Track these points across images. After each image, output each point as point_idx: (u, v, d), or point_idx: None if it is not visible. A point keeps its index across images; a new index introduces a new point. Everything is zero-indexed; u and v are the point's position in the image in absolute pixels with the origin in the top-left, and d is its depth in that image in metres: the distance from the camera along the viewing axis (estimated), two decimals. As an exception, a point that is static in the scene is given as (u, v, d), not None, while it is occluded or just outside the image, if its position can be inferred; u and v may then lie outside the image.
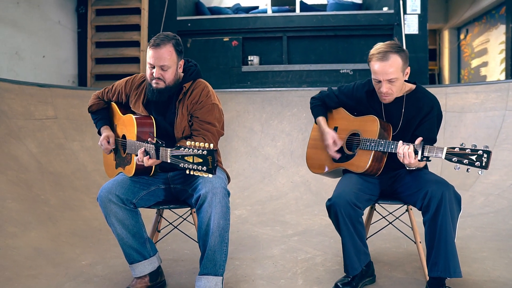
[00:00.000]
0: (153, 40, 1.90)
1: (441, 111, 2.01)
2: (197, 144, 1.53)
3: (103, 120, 2.14)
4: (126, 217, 1.86)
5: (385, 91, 1.90)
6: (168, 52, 1.89)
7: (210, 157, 1.47)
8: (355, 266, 1.89)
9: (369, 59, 1.91)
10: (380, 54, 1.86)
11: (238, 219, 3.31)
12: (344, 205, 1.83)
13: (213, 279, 1.79)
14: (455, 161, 1.63)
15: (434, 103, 1.97)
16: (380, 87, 1.91)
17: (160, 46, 1.88)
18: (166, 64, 1.89)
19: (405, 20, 5.24)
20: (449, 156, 1.65)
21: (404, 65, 1.88)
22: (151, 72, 1.91)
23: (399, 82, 1.90)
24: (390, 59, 1.84)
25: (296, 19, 5.39)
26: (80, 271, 2.23)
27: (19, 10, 4.34)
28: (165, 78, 1.91)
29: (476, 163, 1.57)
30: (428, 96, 1.99)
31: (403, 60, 1.87)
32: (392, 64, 1.84)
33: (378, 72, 1.87)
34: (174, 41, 1.92)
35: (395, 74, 1.85)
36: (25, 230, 2.57)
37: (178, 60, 1.94)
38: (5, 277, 2.08)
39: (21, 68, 4.35)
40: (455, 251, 1.75)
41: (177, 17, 5.42)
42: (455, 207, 1.76)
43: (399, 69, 1.86)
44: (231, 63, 5.27)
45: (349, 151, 2.09)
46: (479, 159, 1.58)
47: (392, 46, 1.87)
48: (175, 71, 1.94)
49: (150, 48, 1.89)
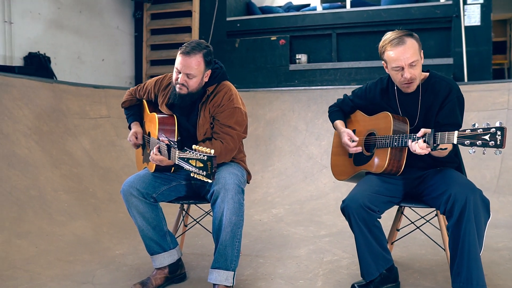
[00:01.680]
0: (185, 47, 1.93)
1: (461, 93, 1.88)
2: (201, 149, 1.57)
3: (134, 116, 2.26)
4: (146, 210, 1.96)
5: (409, 76, 1.81)
6: (196, 62, 1.91)
7: (209, 162, 1.50)
8: (371, 270, 1.81)
9: (382, 51, 1.84)
10: (395, 40, 1.80)
11: (274, 218, 3.31)
12: (357, 208, 1.76)
13: (224, 273, 1.82)
14: (468, 144, 1.48)
15: (452, 86, 1.85)
16: (402, 74, 1.82)
17: (190, 54, 1.91)
18: (192, 73, 1.92)
19: (465, 11, 4.86)
20: (461, 140, 1.51)
21: (419, 47, 1.83)
22: (177, 77, 1.97)
23: (420, 65, 1.83)
24: (407, 42, 1.79)
25: (346, 15, 5.24)
26: (112, 259, 2.38)
27: (82, 18, 4.72)
28: (189, 86, 1.96)
29: (491, 142, 1.42)
30: (445, 80, 1.88)
31: (418, 43, 1.82)
32: (411, 47, 1.78)
33: (398, 58, 1.79)
34: (205, 51, 1.94)
35: (415, 56, 1.79)
36: (71, 219, 2.80)
37: (205, 70, 1.97)
38: (47, 260, 2.28)
39: (82, 71, 4.73)
40: (479, 261, 1.61)
41: (227, 18, 5.54)
42: (481, 213, 1.61)
43: (417, 51, 1.80)
44: (278, 62, 5.26)
45: (367, 153, 2.00)
46: (492, 137, 1.42)
47: (403, 32, 1.82)
48: (200, 80, 1.97)
49: (180, 54, 1.93)
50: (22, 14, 3.98)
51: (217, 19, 5.50)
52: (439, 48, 5.02)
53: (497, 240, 2.67)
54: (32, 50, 4.02)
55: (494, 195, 3.45)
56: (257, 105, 4.70)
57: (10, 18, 3.85)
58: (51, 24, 4.31)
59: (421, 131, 1.67)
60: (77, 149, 3.53)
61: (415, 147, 1.66)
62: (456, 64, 4.75)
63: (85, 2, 4.75)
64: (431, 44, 5.05)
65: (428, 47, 5.04)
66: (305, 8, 6.24)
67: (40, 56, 4.03)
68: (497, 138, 1.41)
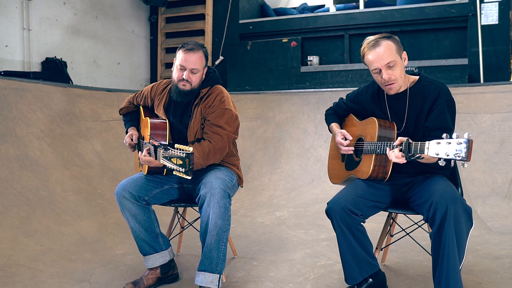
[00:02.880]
0: (186, 46, 2.06)
1: (451, 97, 1.85)
2: (181, 147, 1.62)
3: (131, 122, 2.34)
4: (138, 212, 2.03)
5: (387, 77, 1.81)
6: (199, 57, 2.04)
7: (187, 159, 1.54)
8: (354, 275, 1.82)
9: (362, 56, 1.86)
10: (371, 43, 1.82)
11: (277, 220, 3.33)
12: (340, 211, 1.77)
13: (209, 276, 1.86)
14: (437, 155, 1.45)
15: (441, 89, 1.84)
16: (381, 76, 1.82)
17: (194, 50, 2.04)
18: (197, 68, 2.04)
19: (482, 9, 4.72)
20: (432, 151, 1.48)
21: (399, 48, 1.83)
22: (181, 74, 2.05)
23: (399, 66, 1.82)
24: (382, 44, 1.80)
25: (359, 16, 5.20)
26: (112, 259, 2.47)
27: (97, 23, 4.88)
28: (192, 81, 2.05)
29: (456, 155, 1.39)
30: (434, 83, 1.86)
31: (395, 44, 1.82)
32: (386, 48, 1.79)
33: (374, 60, 1.81)
34: (204, 49, 2.10)
35: (391, 57, 1.79)
36: (77, 219, 2.92)
37: (204, 66, 2.09)
38: (49, 258, 2.40)
39: (98, 75, 4.89)
40: (457, 272, 1.58)
41: (240, 20, 5.59)
42: (463, 222, 1.59)
43: (393, 52, 1.80)
44: (290, 64, 5.27)
45: (356, 158, 2.00)
46: (459, 150, 1.40)
47: (381, 35, 1.84)
48: (201, 76, 2.09)
49: (184, 52, 2.04)
50: (40, 21, 4.15)
51: (230, 21, 5.57)
52: (455, 48, 4.91)
53: (501, 247, 2.61)
54: (49, 56, 4.20)
55: (505, 200, 3.36)
56: (266, 108, 4.73)
57: (28, 26, 4.03)
58: (67, 30, 4.48)
59: (398, 140, 1.65)
60: (88, 151, 3.66)
61: (391, 156, 1.66)
62: (472, 64, 4.63)
63: (101, 7, 4.91)
64: (447, 44, 4.95)
65: (443, 47, 4.94)
66: (319, 9, 6.22)
67: (57, 61, 4.20)
68: (463, 150, 1.38)
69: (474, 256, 2.45)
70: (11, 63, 3.87)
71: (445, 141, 1.44)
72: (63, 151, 3.41)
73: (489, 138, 3.81)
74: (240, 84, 5.35)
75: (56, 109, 3.59)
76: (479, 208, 3.33)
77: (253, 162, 4.36)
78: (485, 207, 3.33)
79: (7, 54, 3.85)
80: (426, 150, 1.50)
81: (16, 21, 3.92)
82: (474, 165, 3.72)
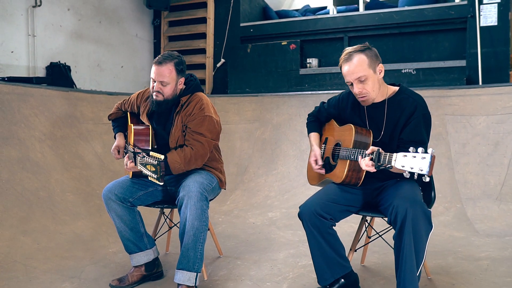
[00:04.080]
0: (158, 58, 2.15)
1: (427, 110, 1.90)
2: (154, 154, 1.72)
3: (118, 128, 2.46)
4: (124, 213, 2.14)
5: (358, 91, 1.88)
6: (168, 70, 2.11)
7: (158, 167, 1.65)
8: (325, 276, 1.89)
9: (339, 67, 1.91)
10: (345, 57, 1.88)
11: (268, 221, 3.42)
12: (310, 215, 1.85)
13: (187, 274, 1.96)
14: (403, 167, 1.52)
15: (418, 103, 1.88)
16: (353, 89, 1.88)
17: (162, 64, 2.11)
18: (165, 81, 2.12)
19: (481, 10, 4.72)
20: (398, 164, 1.54)
21: (372, 62, 1.87)
22: (152, 85, 2.15)
23: (371, 80, 1.87)
24: (354, 58, 1.86)
25: (358, 18, 5.24)
26: (104, 257, 2.59)
27: (101, 28, 5.03)
28: (164, 92, 2.14)
29: (420, 169, 1.45)
30: (412, 97, 1.91)
31: (369, 57, 1.86)
32: (357, 63, 1.85)
33: (346, 74, 1.88)
34: (176, 60, 2.15)
35: (362, 71, 1.85)
36: (75, 219, 3.06)
37: (177, 78, 2.16)
38: (45, 256, 2.53)
39: (102, 78, 5.05)
40: (414, 274, 1.65)
41: (241, 23, 5.69)
42: (422, 226, 1.65)
43: (365, 66, 1.85)
44: (289, 66, 5.34)
45: (333, 162, 2.07)
46: (423, 164, 1.46)
47: (358, 47, 1.88)
48: (174, 87, 2.16)
49: (154, 64, 2.14)
50: (45, 28, 4.32)
51: (231, 25, 5.66)
52: (454, 49, 4.91)
53: (483, 249, 2.64)
54: (53, 60, 4.36)
55: (496, 202, 3.37)
56: (264, 110, 4.81)
57: (33, 32, 4.20)
58: (71, 35, 4.64)
59: (370, 149, 1.71)
60: (89, 153, 3.80)
61: (362, 164, 1.72)
62: (471, 66, 4.63)
63: (104, 13, 5.06)
64: (446, 45, 4.96)
65: (442, 49, 4.95)
66: (320, 12, 6.28)
67: (61, 65, 4.36)
68: (425, 164, 1.44)
69: (454, 258, 2.50)
70: (16, 68, 4.04)
71: (411, 155, 1.51)
72: (63, 153, 3.56)
73: (484, 140, 3.82)
74: (240, 87, 5.44)
75: (58, 112, 3.74)
76: (469, 210, 3.35)
77: (250, 164, 4.45)
78: (475, 209, 3.35)
79: (13, 60, 4.02)
80: (393, 161, 1.57)
81: (21, 27, 4.09)
82: (468, 167, 3.74)
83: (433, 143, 3.96)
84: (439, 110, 4.06)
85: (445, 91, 4.20)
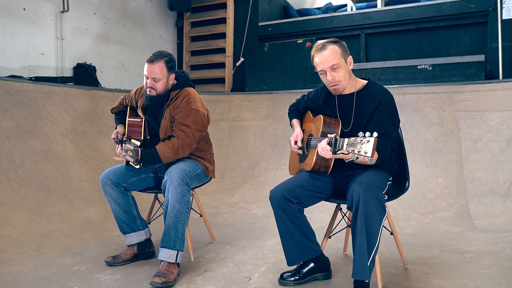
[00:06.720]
0: (149, 57, 2.35)
1: (392, 103, 1.97)
2: (133, 142, 1.91)
3: (119, 120, 2.67)
4: (118, 196, 2.36)
5: (331, 78, 1.96)
6: (159, 67, 2.31)
7: (135, 151, 1.83)
8: (292, 257, 2.00)
9: (311, 58, 2.01)
10: (318, 47, 1.98)
11: (269, 213, 3.53)
12: (277, 199, 1.96)
13: (168, 252, 2.14)
14: (352, 151, 1.60)
15: (383, 97, 1.95)
16: (326, 77, 1.97)
17: (153, 62, 2.31)
18: (157, 77, 2.32)
19: (504, 3, 4.57)
20: (348, 148, 1.62)
21: (344, 53, 1.97)
22: (146, 82, 2.36)
23: (343, 69, 1.96)
24: (327, 48, 1.96)
25: (375, 15, 5.23)
26: (107, 238, 2.83)
27: (125, 30, 5.36)
28: (156, 88, 2.34)
29: (364, 151, 1.53)
30: (378, 90, 1.97)
31: (341, 48, 1.97)
32: (331, 52, 1.94)
33: (320, 62, 1.97)
34: (167, 58, 2.34)
35: (335, 60, 1.94)
36: (88, 205, 3.33)
37: (168, 74, 2.35)
38: (55, 236, 2.81)
39: (126, 78, 5.37)
40: (364, 258, 1.72)
41: (259, 23, 5.83)
42: (374, 210, 1.72)
43: (338, 55, 1.95)
44: (305, 64, 5.41)
45: (306, 151, 2.17)
46: (367, 147, 1.53)
47: (330, 40, 1.99)
48: (165, 83, 2.35)
49: (146, 62, 2.35)
50: (72, 31, 4.68)
51: (250, 24, 5.82)
52: (474, 44, 4.80)
53: (473, 243, 2.63)
54: (80, 61, 4.71)
55: (501, 199, 3.30)
56: (278, 107, 4.93)
57: (62, 35, 4.57)
58: (97, 38, 4.99)
59: (329, 135, 1.81)
60: (107, 147, 4.09)
61: (318, 148, 1.82)
62: (492, 60, 4.51)
63: (129, 16, 5.39)
64: (466, 40, 4.85)
65: (462, 44, 4.84)
66: (341, 9, 6.30)
67: (86, 66, 4.71)
68: (368, 146, 1.52)
69: (440, 251, 2.51)
70: (46, 69, 4.42)
71: (358, 139, 1.60)
72: (83, 146, 3.87)
73: (497, 136, 3.73)
74: (258, 85, 5.58)
75: (80, 109, 4.06)
76: (472, 207, 3.31)
77: (261, 159, 4.59)
78: (479, 206, 3.30)
79: (43, 61, 4.40)
80: (345, 145, 1.66)
81: (51, 31, 4.46)
82: (478, 164, 3.67)
83: (443, 139, 3.92)
84: (452, 106, 3.99)
85: (459, 86, 4.11)
